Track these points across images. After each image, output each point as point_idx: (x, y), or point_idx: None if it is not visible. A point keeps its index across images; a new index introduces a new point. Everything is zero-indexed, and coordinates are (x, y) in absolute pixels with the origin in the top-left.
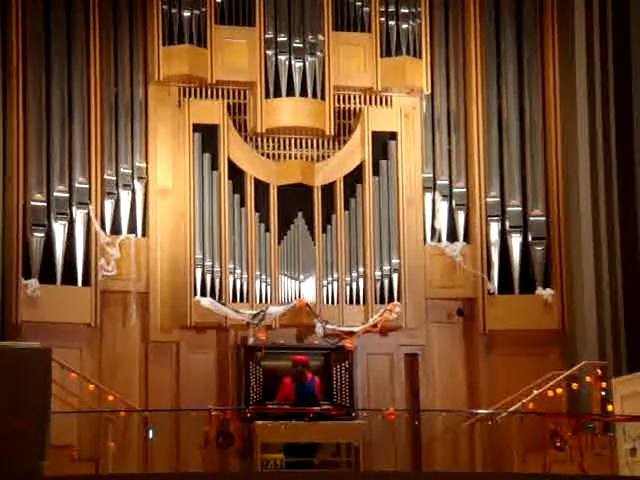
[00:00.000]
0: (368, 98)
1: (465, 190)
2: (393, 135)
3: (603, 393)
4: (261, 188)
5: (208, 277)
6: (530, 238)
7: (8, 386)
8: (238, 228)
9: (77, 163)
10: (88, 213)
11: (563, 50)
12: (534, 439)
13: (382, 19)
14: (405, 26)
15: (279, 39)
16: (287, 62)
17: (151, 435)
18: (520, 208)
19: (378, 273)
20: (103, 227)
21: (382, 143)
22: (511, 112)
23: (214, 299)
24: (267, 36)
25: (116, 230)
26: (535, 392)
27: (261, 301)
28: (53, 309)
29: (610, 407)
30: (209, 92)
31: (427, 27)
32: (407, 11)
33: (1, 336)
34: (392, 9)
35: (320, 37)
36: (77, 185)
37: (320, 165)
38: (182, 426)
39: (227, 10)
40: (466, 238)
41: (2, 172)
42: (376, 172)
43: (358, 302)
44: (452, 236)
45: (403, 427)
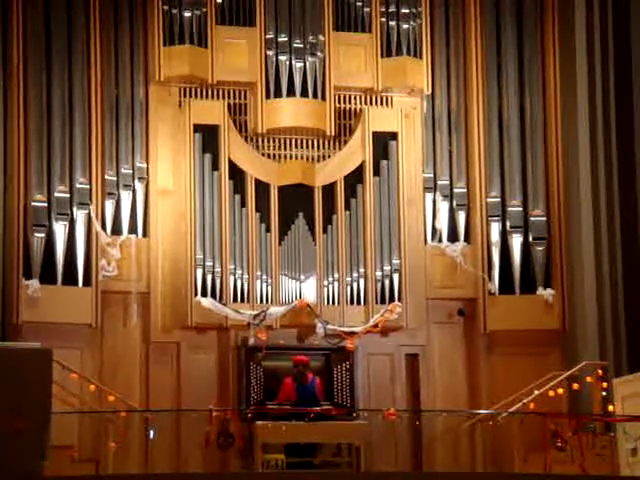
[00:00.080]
0: (368, 98)
1: (466, 190)
2: (394, 135)
3: (604, 393)
4: (262, 188)
5: (209, 277)
6: (531, 238)
7: (9, 386)
8: (239, 228)
9: (78, 163)
10: (89, 213)
11: (564, 50)
12: (535, 439)
13: (382, 19)
14: (405, 26)
15: (279, 39)
16: (287, 62)
17: (152, 435)
18: (521, 208)
19: (379, 273)
20: (104, 227)
21: (383, 143)
22: (512, 112)
23: (215, 299)
24: (268, 36)
25: (117, 230)
26: (536, 392)
27: (262, 301)
28: (54, 309)
29: (611, 407)
30: (210, 92)
31: (427, 27)
32: (407, 11)
33: (2, 336)
34: (392, 9)
35: (320, 37)
36: (78, 185)
37: (321, 165)
38: (183, 426)
39: (227, 10)
40: (467, 238)
41: (3, 172)
42: (377, 172)
43: (359, 302)
44: (453, 236)
45: (404, 427)
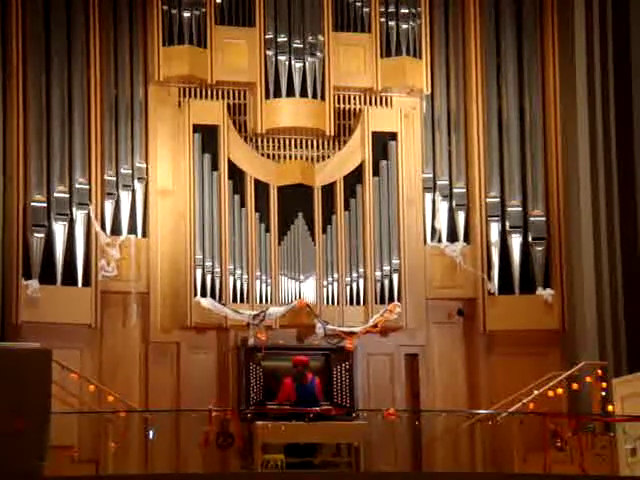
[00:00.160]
0: (368, 98)
1: (465, 190)
2: (393, 135)
3: (603, 393)
4: (261, 188)
5: (208, 277)
6: (530, 238)
7: (8, 386)
8: (238, 228)
9: (77, 163)
10: (88, 214)
11: (563, 50)
12: (534, 439)
13: (382, 19)
14: (405, 26)
15: (279, 39)
16: (287, 62)
17: (151, 435)
18: (520, 208)
19: (378, 273)
20: (103, 228)
21: (382, 143)
22: (511, 112)
23: (214, 299)
24: (267, 36)
25: (116, 231)
26: (535, 392)
27: (261, 301)
28: (53, 310)
29: (610, 407)
30: (209, 92)
31: (427, 27)
32: (407, 11)
33: (1, 336)
34: (392, 9)
35: (320, 37)
36: (77, 186)
37: (320, 165)
38: (182, 426)
39: (227, 10)
40: (466, 238)
41: (2, 173)
42: (376, 172)
43: (358, 302)
44: (452, 236)
45: (403, 427)
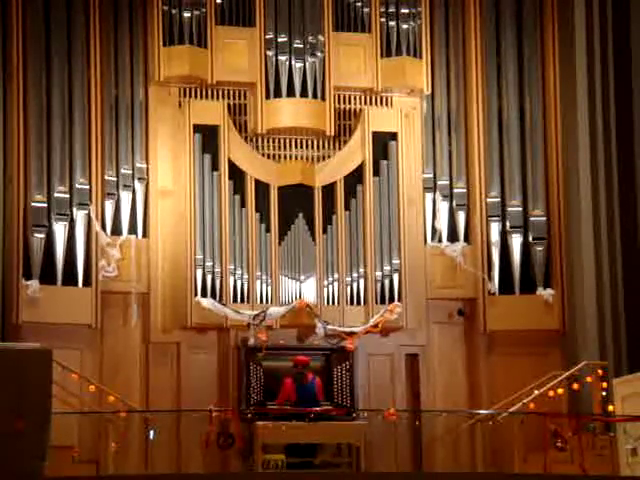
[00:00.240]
0: (368, 98)
1: (465, 190)
2: (393, 135)
3: (604, 393)
4: (261, 189)
5: (209, 278)
6: (530, 238)
7: (8, 387)
8: (239, 229)
9: (77, 164)
10: (89, 214)
11: (563, 50)
12: (535, 439)
13: (382, 19)
14: (405, 26)
15: (279, 40)
16: (287, 62)
17: (152, 436)
18: (520, 208)
19: (379, 273)
20: (104, 228)
21: (382, 143)
22: (511, 112)
23: (215, 300)
24: (267, 37)
25: (117, 231)
26: (536, 392)
27: (262, 302)
28: (54, 310)
29: (611, 407)
30: (209, 93)
31: (427, 27)
32: (407, 11)
33: (1, 337)
34: (392, 9)
35: (320, 37)
36: (77, 186)
37: (320, 165)
38: (183, 427)
39: (227, 11)
40: (467, 238)
41: (3, 173)
42: (376, 172)
43: (359, 302)
44: (452, 236)
45: (404, 427)
